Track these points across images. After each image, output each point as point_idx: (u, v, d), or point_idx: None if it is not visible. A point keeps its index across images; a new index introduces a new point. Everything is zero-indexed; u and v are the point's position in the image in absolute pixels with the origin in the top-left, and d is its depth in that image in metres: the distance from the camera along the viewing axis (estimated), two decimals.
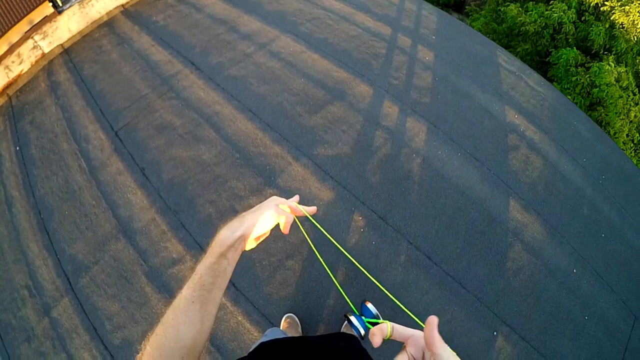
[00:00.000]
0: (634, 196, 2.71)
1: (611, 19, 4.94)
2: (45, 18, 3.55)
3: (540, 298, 2.11)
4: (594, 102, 4.81)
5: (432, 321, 0.41)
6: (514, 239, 2.29)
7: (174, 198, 2.48)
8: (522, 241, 2.29)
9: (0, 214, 2.67)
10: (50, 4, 3.53)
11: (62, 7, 3.66)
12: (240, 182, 2.50)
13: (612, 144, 3.05)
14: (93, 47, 3.69)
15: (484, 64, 3.36)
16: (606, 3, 5.01)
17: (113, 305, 2.14)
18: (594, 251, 2.34)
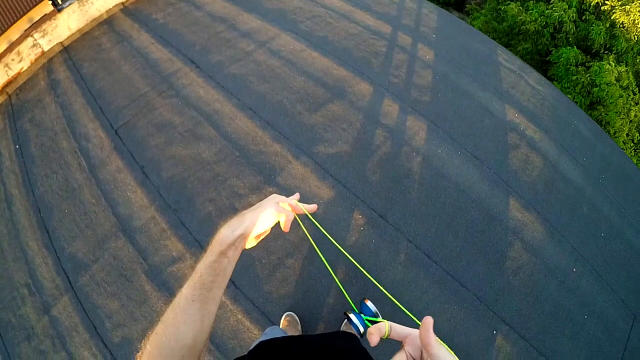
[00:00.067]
0: (633, 195, 2.71)
1: (612, 18, 4.93)
2: (45, 16, 3.54)
3: (539, 297, 2.12)
4: (594, 102, 4.80)
5: (427, 322, 0.41)
6: (513, 237, 2.29)
7: (174, 196, 2.48)
8: (522, 240, 2.29)
9: (0, 212, 2.67)
10: (50, 2, 3.52)
11: (61, 5, 3.65)
12: (240, 180, 2.50)
13: (612, 143, 3.05)
14: (93, 45, 3.68)
15: (484, 62, 3.36)
16: (607, 2, 4.99)
17: (113, 303, 2.14)
18: (594, 250, 2.35)
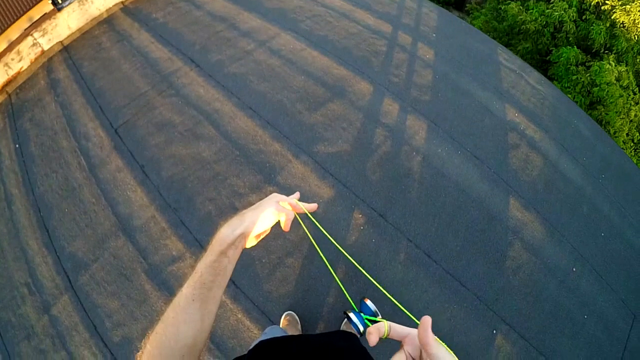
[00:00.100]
0: (633, 195, 2.71)
1: (612, 17, 4.93)
2: (45, 15, 3.54)
3: (539, 296, 2.12)
4: (594, 101, 4.80)
5: (425, 321, 0.41)
6: (513, 237, 2.29)
7: (174, 195, 2.48)
8: (522, 240, 2.29)
9: (0, 211, 2.67)
10: (49, 1, 3.52)
11: (61, 5, 3.64)
12: (240, 179, 2.50)
13: (612, 143, 3.05)
14: (92, 45, 3.67)
15: (484, 62, 3.36)
16: (607, 2, 4.99)
17: (113, 302, 2.14)
18: (594, 250, 2.35)
